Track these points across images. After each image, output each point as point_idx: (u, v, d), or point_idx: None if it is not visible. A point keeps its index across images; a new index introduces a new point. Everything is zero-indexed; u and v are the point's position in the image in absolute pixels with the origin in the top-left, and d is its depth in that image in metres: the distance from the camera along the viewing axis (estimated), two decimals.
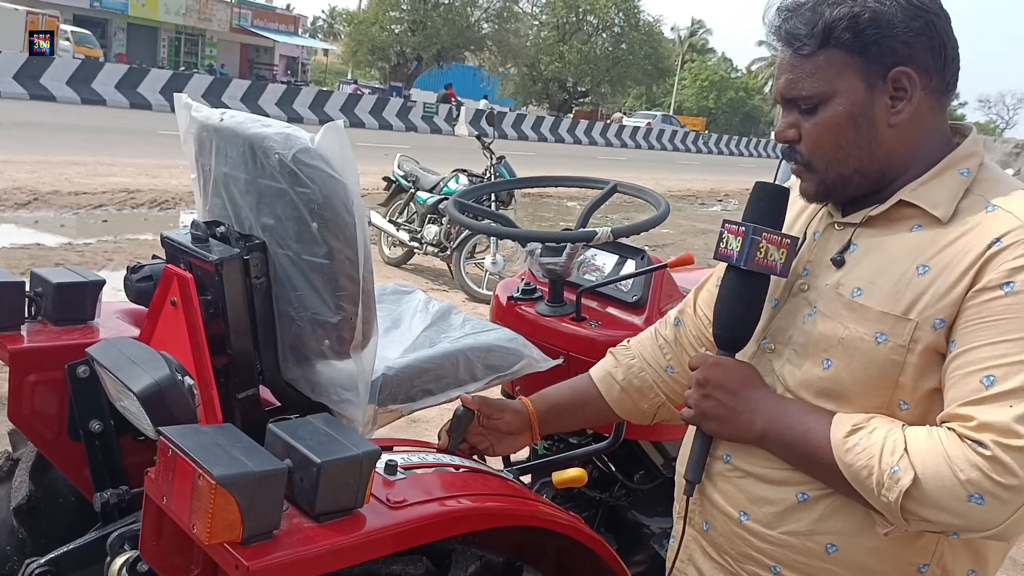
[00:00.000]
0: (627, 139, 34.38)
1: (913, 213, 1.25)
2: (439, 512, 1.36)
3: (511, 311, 2.28)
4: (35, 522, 1.80)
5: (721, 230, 1.34)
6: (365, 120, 24.85)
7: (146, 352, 1.43)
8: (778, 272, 1.31)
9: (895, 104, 1.24)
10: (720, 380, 1.33)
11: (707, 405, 1.34)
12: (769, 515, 1.30)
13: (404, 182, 8.41)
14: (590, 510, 2.38)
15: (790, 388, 1.31)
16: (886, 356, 1.20)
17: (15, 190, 9.36)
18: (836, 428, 1.20)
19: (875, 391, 1.22)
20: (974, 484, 1.07)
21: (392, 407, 1.69)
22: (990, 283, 1.14)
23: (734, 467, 1.35)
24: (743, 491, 1.34)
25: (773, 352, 1.36)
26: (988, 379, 1.11)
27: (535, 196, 14.86)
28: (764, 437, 1.28)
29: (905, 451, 1.12)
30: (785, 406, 1.28)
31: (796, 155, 1.31)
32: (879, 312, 1.21)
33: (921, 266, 1.20)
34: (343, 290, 1.51)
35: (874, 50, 1.22)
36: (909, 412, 1.21)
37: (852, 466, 1.16)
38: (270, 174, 1.50)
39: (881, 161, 1.27)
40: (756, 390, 1.31)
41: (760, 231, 1.29)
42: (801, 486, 1.27)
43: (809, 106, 1.27)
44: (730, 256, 1.32)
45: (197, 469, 1.11)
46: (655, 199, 2.26)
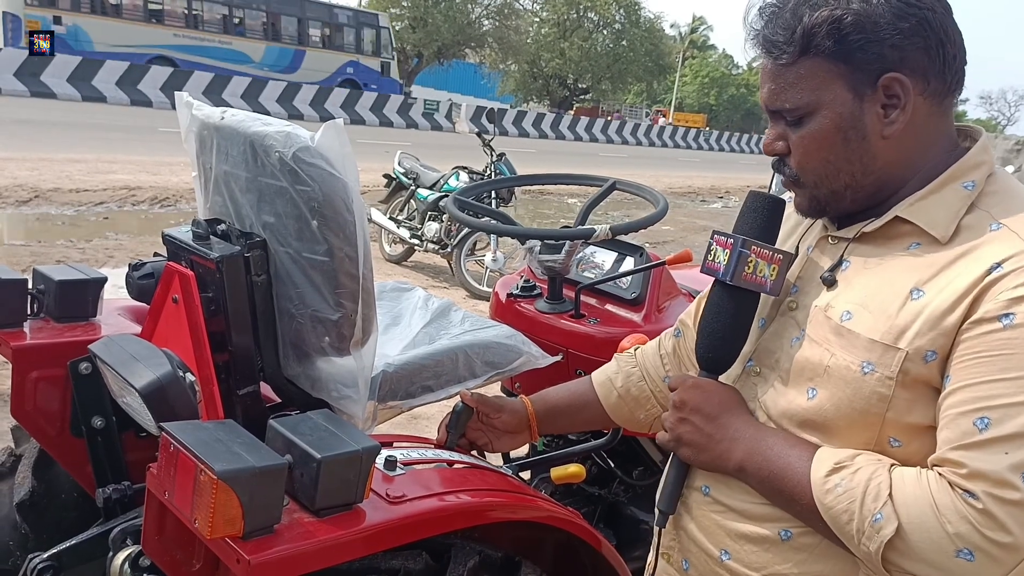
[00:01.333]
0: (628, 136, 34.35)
1: (911, 230, 1.14)
2: (438, 507, 1.37)
3: (510, 308, 2.29)
4: (38, 518, 1.81)
5: (710, 241, 1.25)
6: (366, 117, 24.84)
7: (148, 349, 1.44)
8: (768, 290, 1.21)
9: (888, 113, 1.12)
10: (698, 404, 1.23)
11: (683, 430, 1.24)
12: (751, 554, 1.20)
13: (404, 179, 8.41)
14: (589, 506, 2.40)
15: (772, 417, 1.20)
16: (872, 388, 1.09)
17: (16, 187, 9.38)
18: (817, 465, 1.09)
19: (862, 426, 1.11)
20: (963, 538, 0.98)
21: (392, 403, 1.71)
22: (987, 314, 1.02)
23: (713, 500, 1.24)
24: (723, 527, 1.23)
25: (759, 376, 1.25)
26: (982, 421, 1.00)
27: (535, 193, 14.87)
28: (742, 469, 1.18)
29: (889, 497, 1.02)
30: (765, 436, 1.17)
31: (785, 168, 1.22)
32: (867, 339, 1.10)
33: (916, 290, 1.08)
34: (343, 287, 1.52)
35: (860, 56, 1.10)
36: (901, 450, 1.09)
37: (832, 509, 1.06)
38: (270, 172, 1.51)
39: (876, 175, 1.16)
40: (736, 417, 1.21)
41: (749, 244, 1.19)
42: (783, 522, 1.17)
43: (794, 118, 1.17)
44: (717, 270, 1.22)
45: (199, 464, 1.12)
46: (653, 196, 2.27)
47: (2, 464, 1.90)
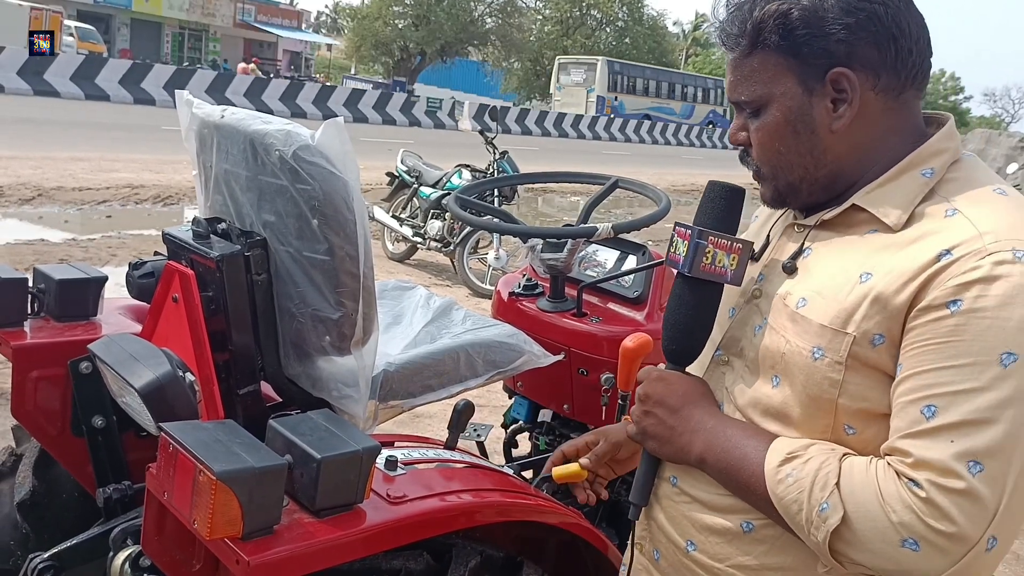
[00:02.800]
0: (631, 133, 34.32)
1: (868, 217, 1.14)
2: (439, 507, 1.37)
3: (512, 307, 2.28)
4: (38, 517, 1.81)
5: (672, 233, 1.23)
6: (368, 115, 24.83)
7: (147, 348, 1.44)
8: (728, 279, 1.20)
9: (837, 107, 1.13)
10: (661, 396, 1.22)
11: (647, 423, 1.23)
12: (715, 545, 1.20)
13: (407, 177, 8.40)
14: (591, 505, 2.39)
15: (739, 406, 1.20)
16: (823, 374, 1.08)
17: (20, 186, 9.38)
18: (771, 456, 1.09)
19: (817, 413, 1.10)
20: (907, 528, 0.97)
21: (393, 403, 1.70)
22: (935, 301, 1.01)
23: (680, 491, 1.25)
24: (689, 518, 1.23)
25: (727, 365, 1.25)
26: (929, 409, 0.99)
27: (538, 191, 14.86)
28: (703, 461, 1.18)
29: (836, 486, 1.02)
30: (724, 428, 1.17)
31: (748, 159, 1.23)
32: (818, 325, 1.10)
33: (864, 273, 1.08)
34: (344, 286, 1.52)
35: (807, 51, 1.11)
36: (856, 438, 1.09)
37: (783, 499, 1.06)
38: (271, 171, 1.51)
39: (829, 168, 1.17)
40: (698, 408, 1.20)
41: (707, 235, 1.18)
42: (746, 514, 1.16)
43: (752, 110, 1.18)
44: (678, 261, 1.20)
45: (198, 465, 1.12)
46: (656, 195, 2.26)
47: (3, 464, 1.90)
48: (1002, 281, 0.99)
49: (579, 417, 2.27)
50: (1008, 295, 0.99)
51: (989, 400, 0.97)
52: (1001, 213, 1.06)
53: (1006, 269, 1.00)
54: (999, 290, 0.99)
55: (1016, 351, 0.98)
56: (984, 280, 1.00)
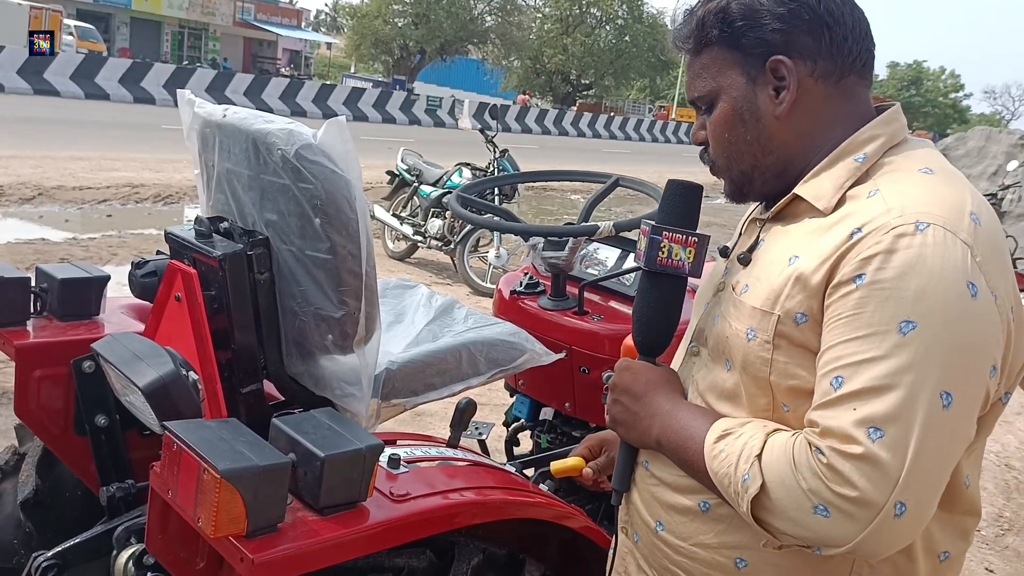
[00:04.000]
0: (631, 131, 34.33)
1: (808, 206, 1.18)
2: (442, 505, 1.37)
3: (513, 305, 2.29)
4: (42, 516, 1.82)
5: (638, 231, 1.29)
6: (368, 114, 24.84)
7: (151, 347, 1.44)
8: (687, 272, 1.24)
9: (779, 94, 1.18)
10: (627, 385, 1.28)
11: (615, 410, 1.29)
12: (680, 524, 1.24)
13: (407, 176, 8.39)
14: (593, 502, 2.39)
15: (699, 391, 1.26)
16: (756, 353, 1.14)
17: (20, 185, 9.37)
18: (710, 434, 1.14)
19: (756, 392, 1.16)
20: (815, 494, 1.01)
21: (395, 401, 1.70)
22: (844, 277, 1.06)
23: (651, 473, 1.29)
24: (658, 499, 1.28)
25: (696, 355, 1.30)
26: (836, 380, 1.03)
27: (538, 190, 14.86)
28: (660, 443, 1.22)
29: (757, 458, 1.07)
30: (677, 411, 1.22)
31: (706, 156, 1.29)
32: (750, 307, 1.15)
33: (793, 256, 1.13)
34: (346, 285, 1.52)
35: (746, 42, 1.18)
36: (792, 415, 1.13)
37: (716, 473, 1.11)
38: (273, 170, 1.51)
39: (776, 155, 1.21)
40: (659, 395, 1.25)
41: (660, 230, 1.22)
42: (702, 494, 1.21)
43: (705, 105, 1.24)
44: (640, 257, 1.26)
45: (202, 463, 1.12)
46: (657, 193, 2.26)
47: (6, 463, 1.91)
48: (901, 253, 1.03)
49: (581, 415, 2.27)
50: (907, 264, 1.02)
51: (889, 367, 1.01)
52: (915, 189, 1.10)
53: (906, 241, 1.03)
54: (897, 261, 1.03)
55: (914, 319, 1.01)
56: (885, 252, 1.04)
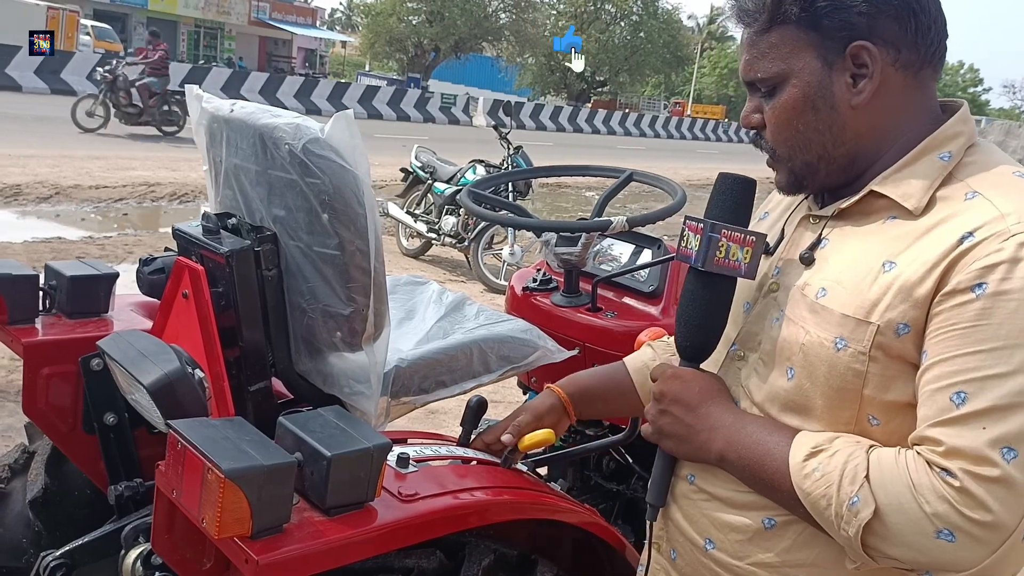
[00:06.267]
0: (646, 128, 34.21)
1: (887, 204, 1.12)
2: (451, 505, 1.35)
3: (526, 302, 2.26)
4: (51, 515, 1.80)
5: (683, 226, 1.20)
6: (383, 111, 24.86)
7: (156, 345, 1.42)
8: (742, 273, 1.18)
9: (857, 82, 1.11)
10: (677, 394, 1.20)
11: (664, 422, 1.21)
12: (735, 543, 1.17)
13: (421, 173, 8.39)
14: (607, 502, 2.36)
15: (756, 402, 1.18)
16: (847, 364, 1.06)
17: (37, 184, 9.44)
18: (795, 450, 1.07)
19: (839, 405, 1.08)
20: (942, 519, 0.94)
21: (405, 399, 1.68)
22: (960, 285, 0.99)
23: (698, 489, 1.23)
24: (707, 516, 1.21)
25: (742, 360, 1.23)
26: (959, 396, 0.96)
27: (553, 186, 14.82)
28: (723, 459, 1.15)
29: (866, 479, 0.99)
30: (744, 424, 1.15)
31: (762, 142, 1.20)
32: (840, 315, 1.08)
33: (888, 262, 1.06)
34: (354, 281, 1.50)
35: (827, 24, 1.09)
36: (880, 429, 1.07)
37: (810, 494, 1.03)
38: (280, 165, 1.49)
39: (848, 146, 1.14)
40: (716, 405, 1.18)
41: (719, 228, 1.15)
42: (767, 510, 1.14)
43: (768, 88, 1.16)
44: (690, 256, 1.18)
45: (206, 463, 1.10)
46: (671, 187, 2.23)
47: (16, 461, 1.90)
48: None
49: None
50: None
51: (1020, 384, 0.95)
52: (1021, 194, 1.05)
53: None
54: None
55: None
56: (1010, 261, 0.98)
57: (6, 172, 9.78)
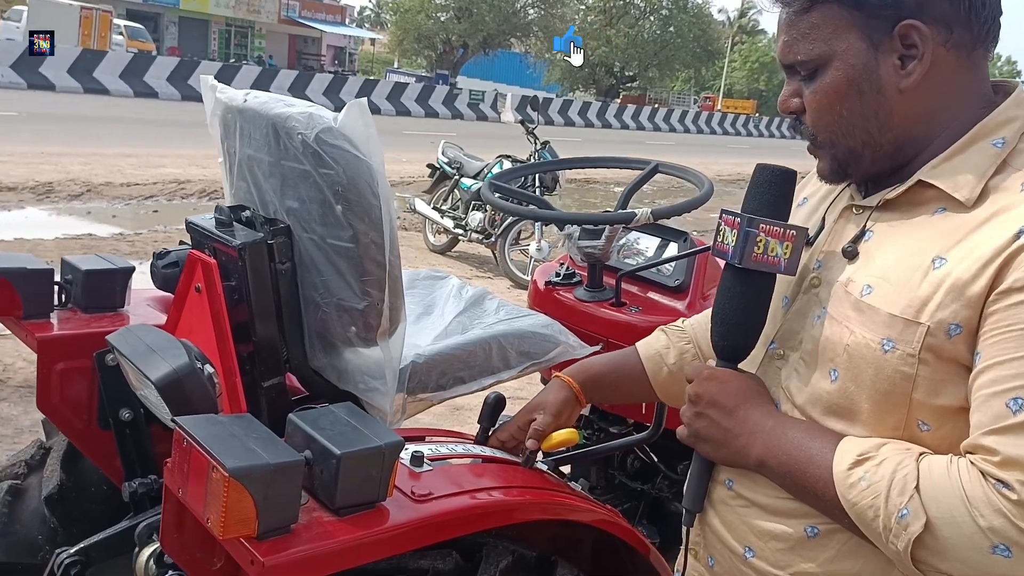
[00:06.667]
0: (675, 123, 33.96)
1: (936, 194, 1.05)
2: (465, 506, 1.30)
3: (549, 296, 2.22)
4: (66, 511, 1.79)
5: (719, 220, 1.14)
6: (411, 108, 24.89)
7: (165, 339, 1.40)
8: (782, 269, 1.11)
9: (905, 64, 1.03)
10: (714, 397, 1.14)
11: (700, 425, 1.15)
12: (776, 552, 1.11)
13: (448, 169, 8.37)
14: (632, 502, 2.31)
15: (797, 404, 1.12)
16: (895, 367, 1.00)
17: (69, 181, 9.55)
18: (840, 458, 1.01)
19: (887, 409, 1.02)
20: (998, 533, 0.89)
21: (422, 396, 1.64)
22: (1016, 283, 0.92)
23: (737, 494, 1.16)
24: (747, 523, 1.15)
25: (782, 359, 1.17)
26: (1015, 402, 0.90)
27: (581, 182, 14.74)
28: (762, 464, 1.09)
29: (916, 490, 0.93)
30: (786, 429, 1.08)
31: (802, 127, 1.13)
32: (887, 314, 1.01)
33: (938, 258, 0.99)
34: (369, 275, 1.46)
35: (874, 2, 1.02)
36: (931, 435, 1.01)
37: (856, 505, 0.97)
38: (293, 155, 1.45)
39: (895, 132, 1.07)
40: (755, 408, 1.12)
41: (757, 222, 1.09)
42: (810, 518, 1.08)
43: (808, 71, 1.09)
44: (726, 252, 1.12)
45: (211, 460, 1.07)
46: (698, 179, 2.17)
47: (32, 457, 1.88)
48: None
49: (617, 411, 2.20)
50: None
51: None
52: None
53: None
54: None
55: None
56: None
57: (39, 170, 9.91)
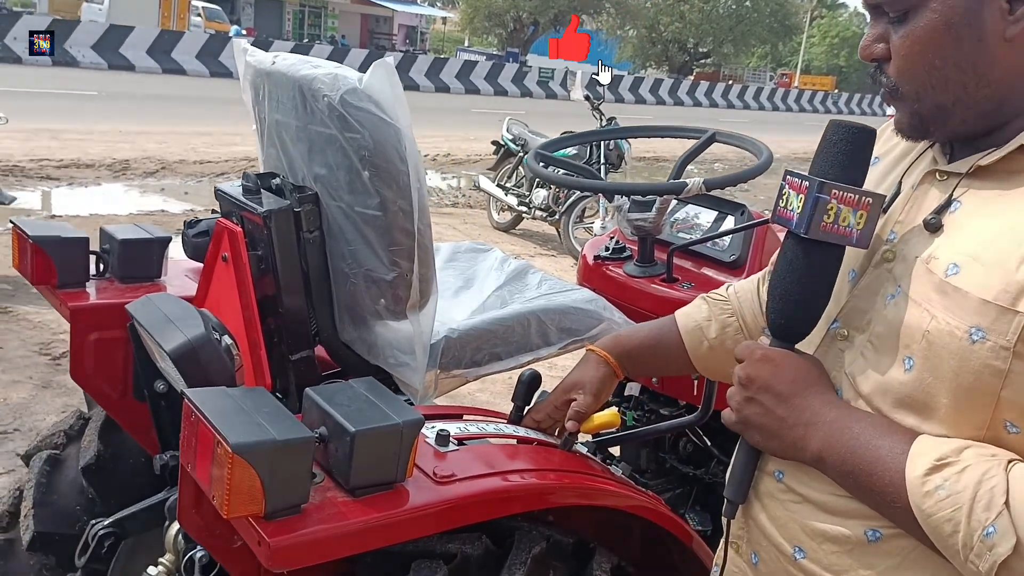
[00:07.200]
0: (750, 100, 33.18)
1: None
2: (489, 489, 1.22)
3: (597, 271, 2.12)
4: (104, 482, 1.78)
5: (782, 183, 1.02)
6: (480, 87, 24.84)
7: (183, 309, 1.35)
8: (854, 241, 0.99)
9: (1014, 9, 0.91)
10: (767, 381, 1.02)
11: (750, 412, 1.03)
12: (831, 555, 1.01)
13: (513, 146, 8.29)
14: (683, 487, 2.21)
15: (862, 393, 1.00)
16: (983, 360, 0.88)
17: (144, 159, 9.81)
18: (915, 461, 0.89)
19: (970, 406, 0.90)
20: None
21: (456, 372, 1.56)
22: None
23: (787, 488, 1.06)
24: (798, 521, 1.04)
25: (846, 340, 1.04)
26: None
27: (650, 160, 14.49)
28: (820, 460, 0.98)
29: (1005, 505, 0.82)
30: (851, 422, 0.97)
31: (883, 77, 1.00)
32: (978, 300, 0.89)
33: None
34: (398, 244, 1.39)
35: None
36: (1019, 438, 0.89)
37: (932, 516, 0.86)
38: (319, 119, 1.39)
39: (993, 88, 0.94)
40: (815, 396, 1.00)
41: (828, 187, 0.96)
42: (872, 520, 0.97)
43: (898, 12, 0.96)
44: (790, 219, 0.99)
45: (216, 435, 1.01)
46: (756, 147, 2.04)
47: (71, 427, 1.88)
48: None
49: (668, 391, 2.09)
50: None
51: None
52: None
53: None
54: None
55: None
56: None
57: (116, 148, 10.19)
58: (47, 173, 8.74)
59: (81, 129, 10.93)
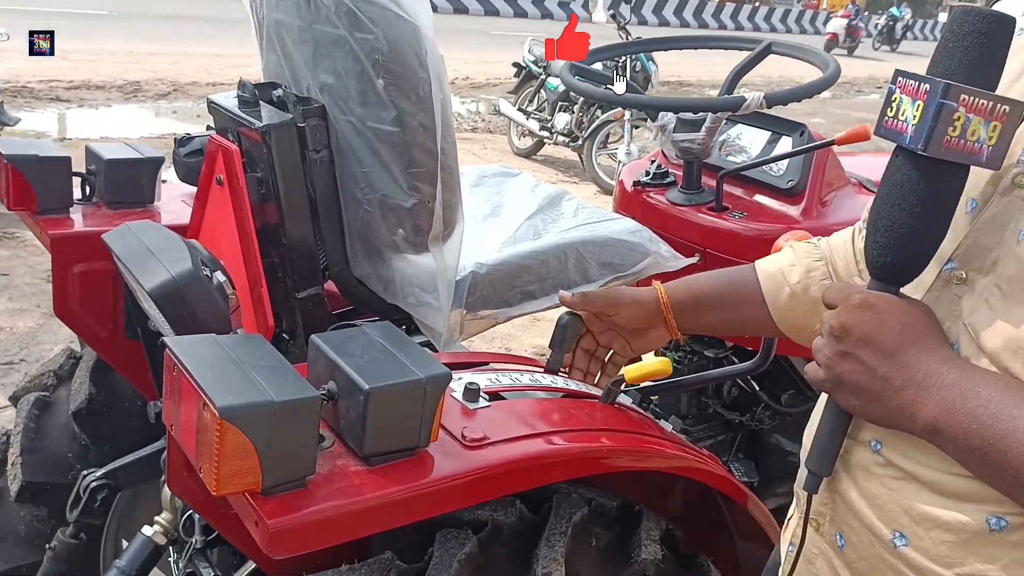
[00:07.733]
0: (776, 23, 32.19)
1: None
2: (527, 455, 1.04)
3: (637, 199, 1.92)
4: (97, 427, 1.63)
5: (891, 87, 0.83)
6: (499, 7, 24.16)
7: (168, 240, 1.17)
8: (983, 160, 0.80)
9: None
10: (869, 333, 0.83)
11: (845, 369, 0.85)
12: (940, 545, 0.84)
13: (534, 68, 7.99)
14: (727, 433, 2.05)
15: (986, 350, 0.82)
16: None
17: (156, 81, 9.57)
18: None
19: None
20: None
21: (484, 312, 1.38)
22: None
23: (887, 462, 0.89)
24: (899, 502, 0.87)
25: (963, 284, 0.86)
26: None
27: (675, 84, 14.05)
28: (936, 431, 0.81)
29: None
30: (977, 385, 0.79)
31: None
32: None
33: None
34: (418, 166, 1.20)
35: None
36: None
37: None
38: (325, 17, 1.18)
39: None
40: (928, 352, 0.82)
41: (957, 91, 0.77)
42: (996, 505, 0.81)
43: None
44: (902, 132, 0.81)
45: (201, 395, 0.84)
46: (821, 59, 1.81)
47: (61, 367, 1.72)
48: None
49: None
50: None
51: None
52: None
53: None
54: None
55: None
56: None
57: (127, 69, 9.94)
58: (56, 94, 8.54)
59: (92, 49, 10.66)
